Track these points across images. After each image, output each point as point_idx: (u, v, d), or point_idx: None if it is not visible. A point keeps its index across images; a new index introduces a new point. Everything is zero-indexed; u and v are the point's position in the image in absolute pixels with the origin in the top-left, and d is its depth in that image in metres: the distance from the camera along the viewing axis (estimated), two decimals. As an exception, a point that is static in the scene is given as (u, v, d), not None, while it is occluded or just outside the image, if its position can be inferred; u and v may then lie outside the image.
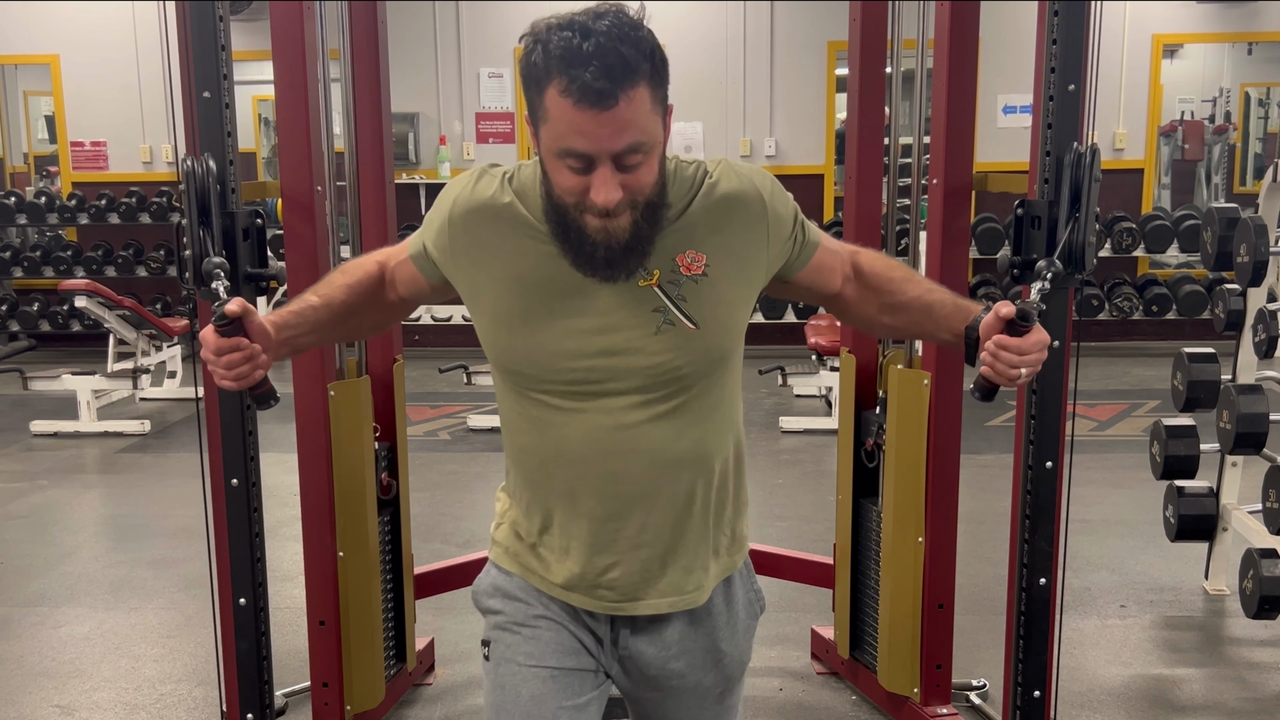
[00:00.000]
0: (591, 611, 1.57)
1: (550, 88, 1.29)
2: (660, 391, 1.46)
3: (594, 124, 1.28)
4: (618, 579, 1.52)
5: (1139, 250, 7.96)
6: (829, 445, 5.63)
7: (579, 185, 1.34)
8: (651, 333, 1.43)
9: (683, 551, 1.53)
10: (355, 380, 2.84)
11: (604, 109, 1.27)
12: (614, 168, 1.32)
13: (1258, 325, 3.61)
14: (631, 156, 1.32)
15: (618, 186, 1.33)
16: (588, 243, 1.37)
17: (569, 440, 1.48)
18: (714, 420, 1.52)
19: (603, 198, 1.32)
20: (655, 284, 1.43)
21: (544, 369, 1.45)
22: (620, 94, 1.27)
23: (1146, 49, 8.26)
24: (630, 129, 1.30)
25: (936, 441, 2.81)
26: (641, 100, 1.29)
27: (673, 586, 1.54)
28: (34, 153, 11.46)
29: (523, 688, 1.55)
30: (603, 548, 1.51)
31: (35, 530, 4.76)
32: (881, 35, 3.04)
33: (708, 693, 1.65)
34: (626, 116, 1.29)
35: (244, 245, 2.37)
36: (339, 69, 2.93)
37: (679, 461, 1.49)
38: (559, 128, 1.31)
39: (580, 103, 1.27)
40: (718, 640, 1.62)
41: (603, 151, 1.31)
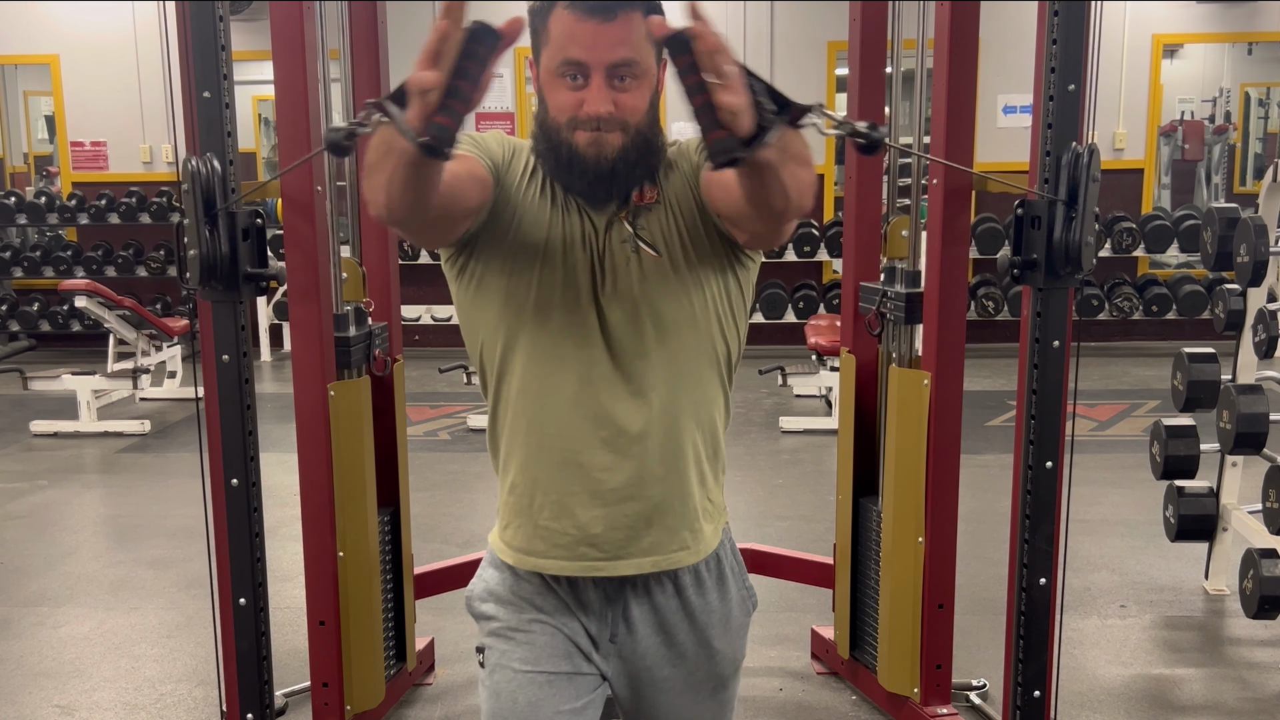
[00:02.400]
0: (582, 603, 1.57)
1: (554, 11, 1.38)
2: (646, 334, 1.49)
3: (592, 34, 1.37)
4: (601, 535, 1.52)
5: (1139, 250, 7.96)
6: (829, 445, 5.64)
7: (574, 100, 1.40)
8: (624, 262, 1.49)
9: (669, 508, 1.54)
10: (355, 380, 2.84)
11: (603, 21, 1.36)
12: (607, 82, 1.39)
13: (1258, 325, 3.61)
14: (625, 70, 1.39)
15: (610, 99, 1.39)
16: (577, 160, 1.43)
17: (561, 393, 1.50)
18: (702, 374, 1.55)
19: (594, 107, 1.39)
20: (624, 217, 1.50)
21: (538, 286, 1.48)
22: (619, 11, 1.37)
23: (1146, 49, 8.26)
24: (627, 43, 1.38)
25: (936, 441, 2.81)
26: (639, 25, 1.37)
27: (656, 545, 1.55)
28: (34, 153, 11.46)
29: (519, 693, 1.55)
30: (590, 500, 1.52)
31: (35, 530, 4.76)
32: (881, 35, 3.04)
33: (700, 688, 1.65)
34: (623, 34, 1.37)
35: (244, 245, 2.37)
36: (339, 69, 2.93)
37: (670, 414, 1.51)
38: (560, 41, 1.39)
39: (581, 16, 1.37)
40: (711, 637, 1.63)
41: (598, 61, 1.38)
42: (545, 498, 1.54)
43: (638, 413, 1.50)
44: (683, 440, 1.53)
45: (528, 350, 1.51)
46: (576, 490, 1.52)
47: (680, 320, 1.50)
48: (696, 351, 1.53)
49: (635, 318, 1.49)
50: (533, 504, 1.55)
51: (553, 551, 1.55)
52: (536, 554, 1.56)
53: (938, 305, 2.75)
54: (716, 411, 1.59)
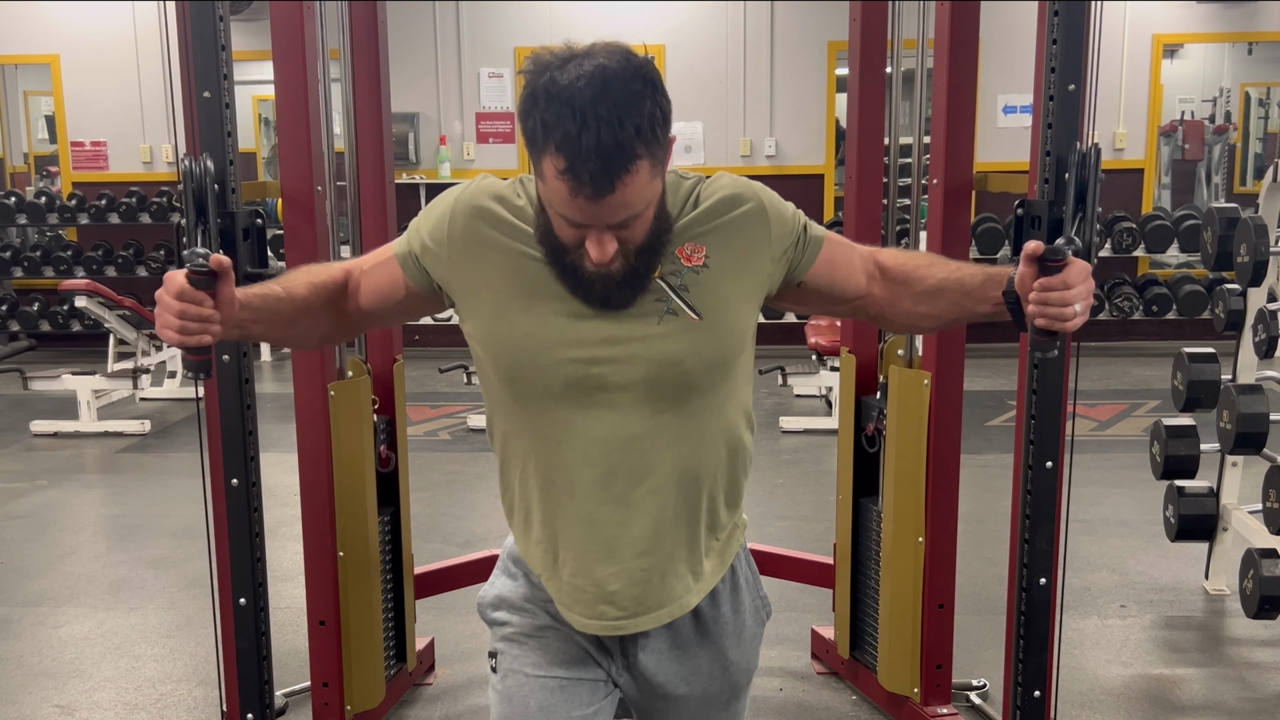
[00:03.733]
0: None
1: (547, 158, 1.29)
2: (666, 394, 1.43)
3: (589, 207, 1.30)
4: (618, 592, 1.49)
5: (1139, 250, 7.96)
6: (829, 445, 5.64)
7: (575, 238, 1.35)
8: (655, 323, 1.42)
9: (679, 557, 1.51)
10: (355, 380, 2.84)
11: (600, 199, 1.28)
12: (612, 232, 1.33)
13: (1258, 325, 3.61)
14: (627, 222, 1.34)
15: (612, 242, 1.34)
16: (584, 280, 1.38)
17: (572, 450, 1.45)
18: (723, 430, 1.51)
19: (596, 256, 1.34)
20: (658, 276, 1.42)
21: (546, 361, 1.42)
22: (617, 182, 1.27)
23: (1146, 49, 8.26)
24: (626, 206, 1.31)
25: (936, 441, 2.81)
26: (639, 177, 1.29)
27: (670, 595, 1.52)
28: (34, 153, 11.46)
29: (531, 698, 1.54)
30: (606, 556, 1.48)
31: (35, 530, 4.76)
32: (881, 35, 3.04)
33: (714, 700, 1.64)
34: (623, 198, 1.29)
35: (244, 245, 2.37)
36: (339, 69, 2.93)
37: (684, 470, 1.48)
38: (554, 197, 1.32)
39: (576, 194, 1.28)
40: (725, 649, 1.61)
41: (598, 223, 1.32)
42: (566, 554, 1.51)
43: (651, 469, 1.46)
44: (698, 494, 1.50)
45: (532, 413, 1.47)
46: (594, 548, 1.49)
47: (707, 380, 1.46)
48: (724, 402, 1.49)
49: (657, 377, 1.43)
50: (556, 560, 1.52)
51: (576, 607, 1.52)
52: (565, 608, 1.54)
53: (938, 305, 2.75)
54: (738, 460, 1.55)
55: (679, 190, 1.46)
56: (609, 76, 1.27)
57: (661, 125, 1.31)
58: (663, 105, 1.31)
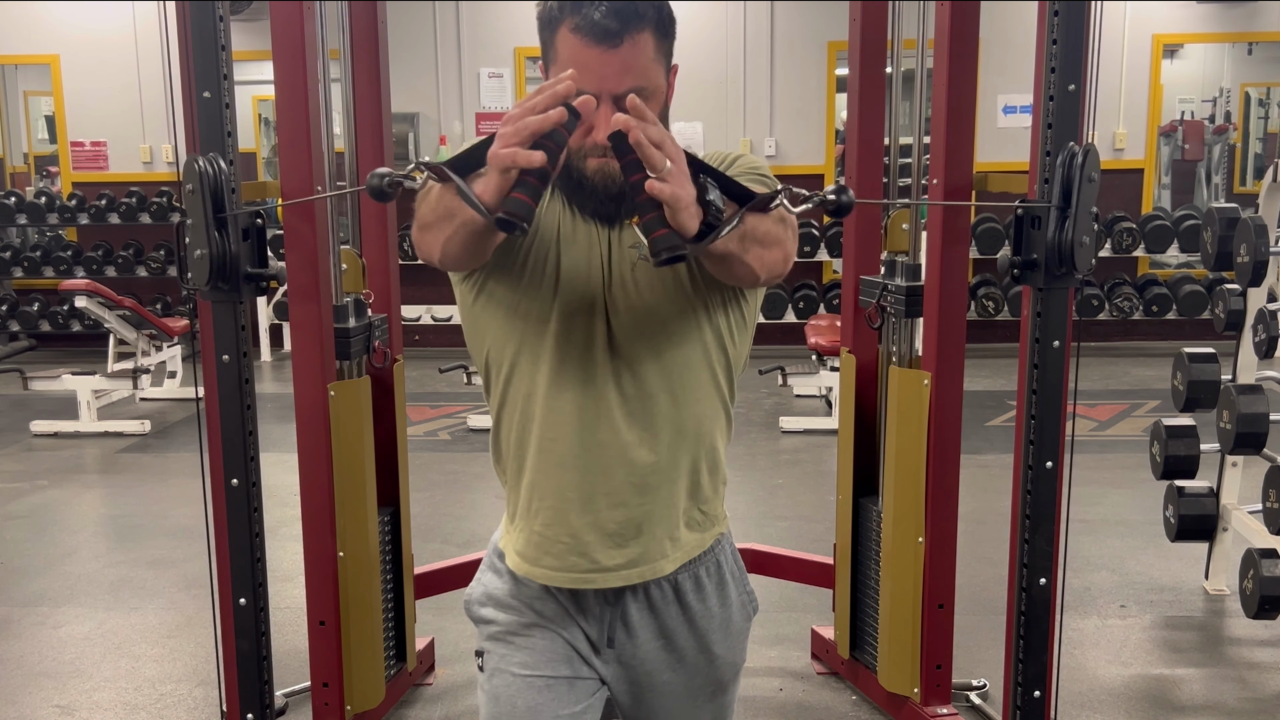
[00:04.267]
0: (582, 607, 1.57)
1: (562, 27, 1.37)
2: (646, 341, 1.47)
3: (599, 62, 1.35)
4: (592, 543, 1.51)
5: (1139, 250, 7.96)
6: (829, 445, 5.64)
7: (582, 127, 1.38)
8: (629, 269, 1.47)
9: (656, 518, 1.53)
10: (355, 380, 2.84)
11: (610, 47, 1.35)
12: (615, 109, 1.36)
13: (1258, 325, 3.61)
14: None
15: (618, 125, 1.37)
16: (586, 185, 1.43)
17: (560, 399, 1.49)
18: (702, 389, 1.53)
19: (602, 134, 1.37)
20: (635, 222, 1.46)
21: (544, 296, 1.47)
22: (626, 35, 1.35)
23: (1146, 49, 8.26)
24: (633, 71, 1.36)
25: (936, 441, 2.81)
26: (646, 45, 1.37)
27: (643, 555, 1.54)
28: (34, 153, 11.46)
29: (518, 698, 1.55)
30: (583, 506, 1.51)
31: (35, 530, 4.76)
32: (881, 35, 3.04)
33: (699, 692, 1.65)
34: (630, 58, 1.36)
35: (244, 245, 2.37)
36: (339, 69, 2.93)
37: (666, 422, 1.50)
38: (566, 64, 1.37)
39: (588, 39, 1.35)
40: (711, 642, 1.62)
41: (605, 90, 1.36)
42: (541, 503, 1.53)
43: (635, 420, 1.49)
44: (679, 451, 1.53)
45: (534, 359, 1.50)
46: (571, 496, 1.51)
47: (682, 332, 1.49)
48: (698, 364, 1.52)
49: (637, 326, 1.47)
50: (530, 508, 1.55)
51: (544, 560, 1.54)
52: (529, 560, 1.56)
53: (938, 305, 2.75)
54: (716, 425, 1.57)
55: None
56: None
57: (669, 16, 1.40)
58: (670, 9, 1.41)
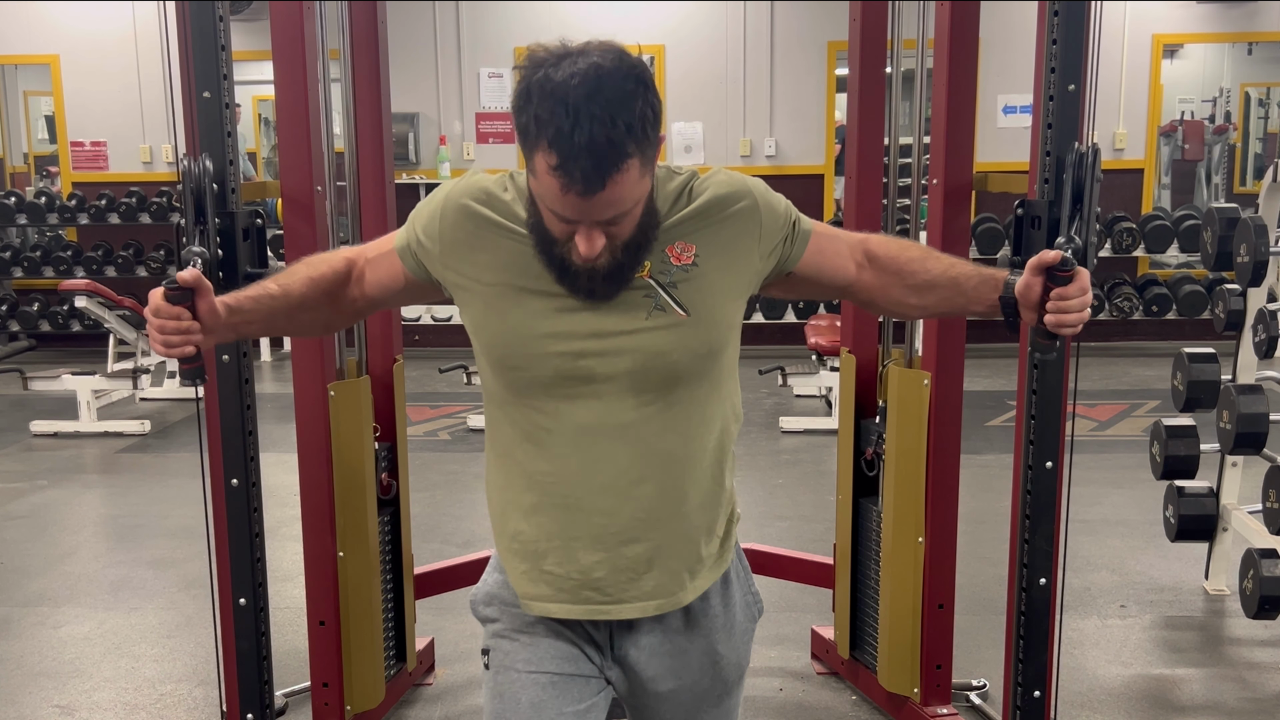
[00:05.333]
0: (581, 620, 1.56)
1: (539, 154, 1.32)
2: (652, 384, 1.46)
3: (579, 204, 1.32)
4: (604, 579, 1.51)
5: (1139, 250, 7.95)
6: (829, 445, 5.63)
7: (564, 233, 1.38)
8: (642, 318, 1.44)
9: (670, 551, 1.52)
10: (355, 380, 2.84)
11: (590, 196, 1.31)
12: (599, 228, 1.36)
13: (1258, 325, 3.61)
14: (616, 220, 1.36)
15: (601, 238, 1.37)
16: (570, 272, 1.41)
17: (561, 439, 1.47)
18: (708, 421, 1.52)
19: (584, 252, 1.37)
20: (646, 274, 1.45)
21: (535, 352, 1.45)
22: (608, 180, 1.30)
23: (1146, 49, 8.26)
24: (615, 204, 1.34)
25: (936, 441, 2.81)
26: (629, 175, 1.32)
27: (659, 588, 1.53)
28: (34, 153, 11.46)
29: (522, 694, 1.55)
30: (591, 544, 1.50)
31: (35, 530, 4.76)
32: (881, 35, 3.04)
33: (705, 695, 1.64)
34: (612, 195, 1.32)
35: (244, 245, 2.37)
36: (339, 69, 2.93)
37: (671, 459, 1.49)
38: (545, 192, 1.34)
39: (567, 191, 1.31)
40: (715, 643, 1.62)
41: (587, 219, 1.35)
42: (549, 544, 1.52)
43: (639, 457, 1.48)
44: (685, 483, 1.51)
45: (523, 402, 1.49)
46: (579, 535, 1.50)
47: (693, 372, 1.48)
48: (708, 395, 1.51)
49: (647, 369, 1.45)
50: (538, 549, 1.53)
51: (558, 596, 1.53)
52: (543, 599, 1.55)
53: (938, 305, 2.75)
54: (724, 447, 1.56)
55: (668, 186, 1.48)
56: (602, 75, 1.29)
57: (653, 124, 1.33)
58: (654, 104, 1.33)
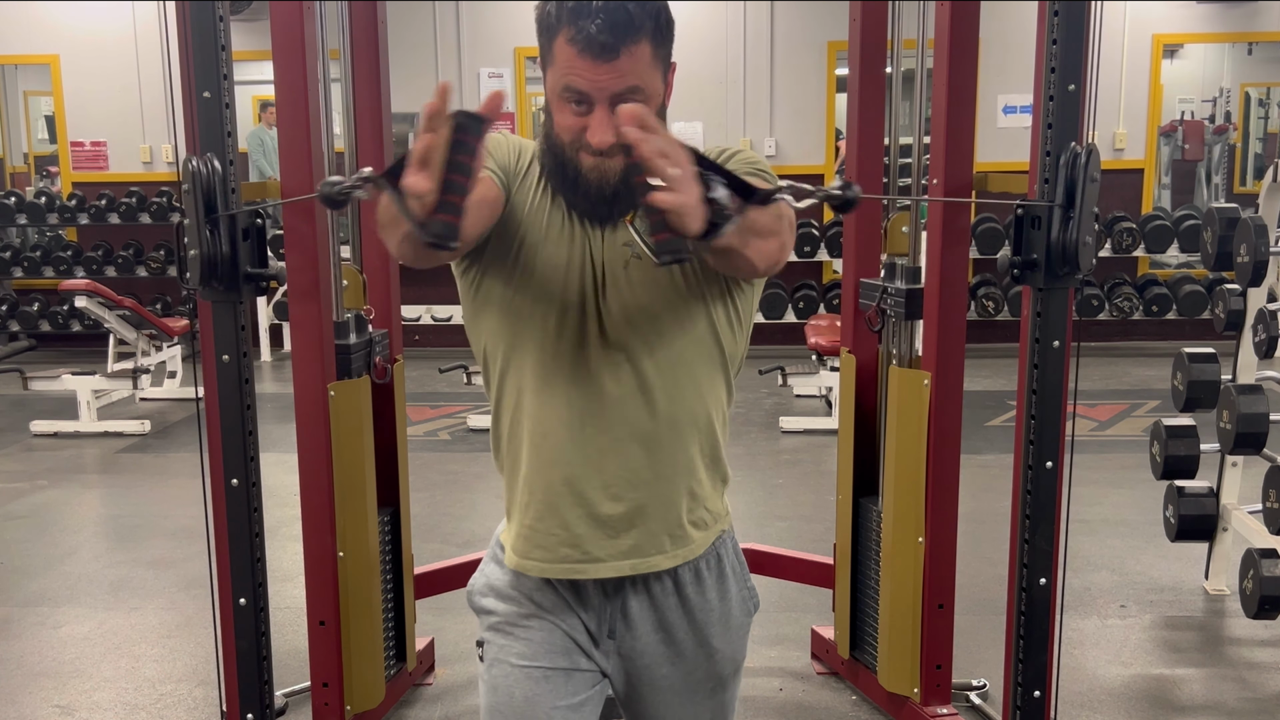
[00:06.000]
0: (581, 599, 1.57)
1: (559, 35, 1.37)
2: (640, 337, 1.48)
3: (595, 71, 1.36)
4: (583, 535, 1.52)
5: (1139, 250, 7.95)
6: (829, 445, 5.63)
7: (578, 124, 1.40)
8: (621, 266, 1.48)
9: (651, 513, 1.53)
10: (355, 380, 2.84)
11: (606, 59, 1.35)
12: (611, 110, 1.37)
13: (1258, 325, 3.61)
14: (628, 98, 1.37)
15: (612, 127, 1.37)
16: (580, 182, 1.43)
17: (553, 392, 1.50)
18: (697, 384, 1.53)
19: (597, 137, 1.38)
20: (629, 221, 1.47)
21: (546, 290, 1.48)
22: (622, 48, 1.35)
23: (1146, 49, 8.26)
24: (629, 76, 1.37)
25: (936, 441, 2.81)
26: (642, 55, 1.37)
27: (635, 548, 1.54)
28: (34, 153, 11.46)
29: (516, 688, 1.56)
30: (574, 500, 1.52)
31: (35, 530, 4.76)
32: (881, 35, 3.04)
33: (699, 688, 1.65)
34: (626, 68, 1.36)
35: (244, 245, 2.37)
36: (339, 69, 2.93)
37: (658, 418, 1.51)
38: (563, 69, 1.38)
39: (584, 52, 1.35)
40: (710, 636, 1.62)
41: (601, 93, 1.37)
42: (532, 497, 1.54)
43: (630, 416, 1.50)
44: (674, 447, 1.53)
45: (527, 355, 1.51)
46: (562, 490, 1.52)
47: (677, 328, 1.50)
48: (693, 359, 1.53)
49: (631, 322, 1.48)
50: (522, 502, 1.56)
51: (535, 552, 1.55)
52: (520, 553, 1.57)
53: (938, 305, 2.75)
54: (714, 421, 1.57)
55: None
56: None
57: (667, 23, 1.40)
58: (669, 12, 1.41)
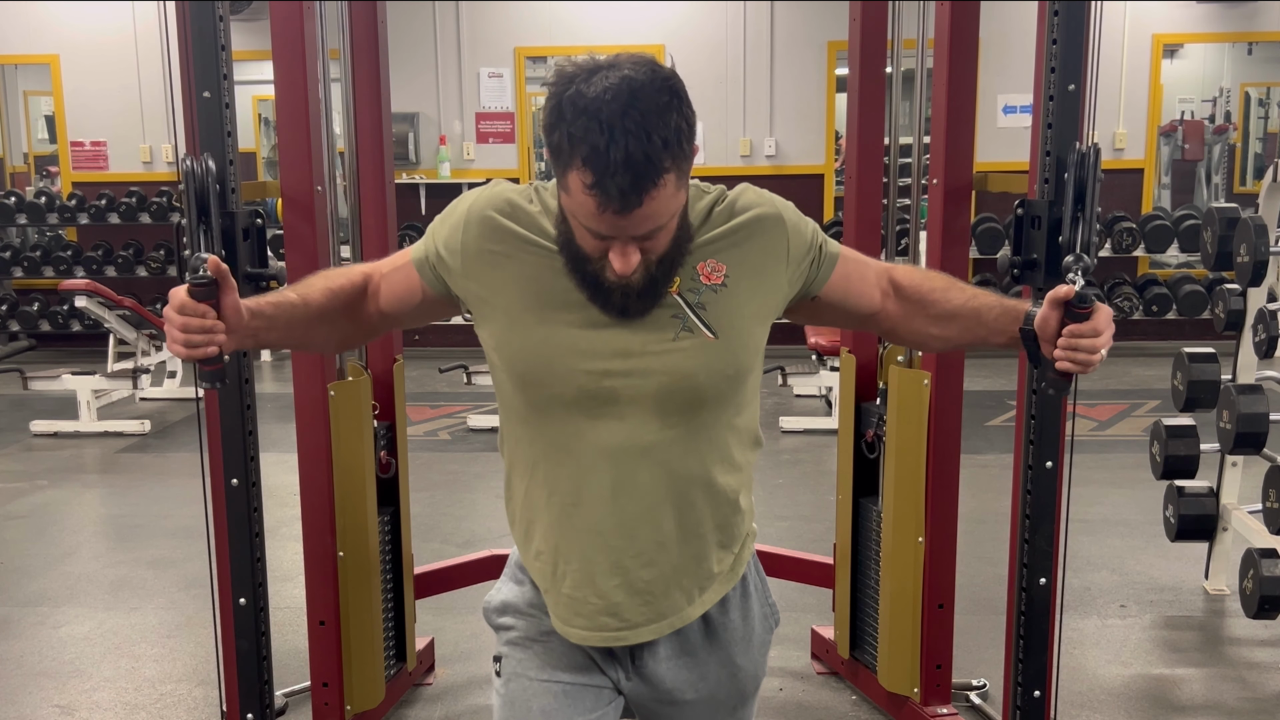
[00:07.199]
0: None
1: (573, 173, 1.28)
2: (676, 406, 1.43)
3: (617, 221, 1.29)
4: (622, 603, 1.49)
5: (1139, 250, 7.96)
6: (829, 445, 5.63)
7: (598, 249, 1.35)
8: (670, 339, 1.41)
9: (684, 571, 1.51)
10: (355, 380, 2.84)
11: (627, 213, 1.28)
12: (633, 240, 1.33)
13: (1258, 325, 3.61)
14: (652, 234, 1.34)
15: (636, 254, 1.34)
16: (603, 289, 1.38)
17: (581, 459, 1.45)
18: (729, 445, 1.51)
19: (620, 268, 1.34)
20: (675, 291, 1.42)
21: (560, 370, 1.41)
22: (645, 196, 1.27)
23: (1146, 49, 8.26)
24: (652, 219, 1.31)
25: (936, 441, 2.81)
26: (666, 190, 1.29)
27: (671, 607, 1.51)
28: (34, 153, 11.46)
29: (533, 702, 1.54)
30: (610, 568, 1.48)
31: (35, 530, 4.76)
32: (881, 35, 3.04)
33: (721, 705, 1.64)
34: (649, 211, 1.29)
35: (244, 245, 2.37)
36: (339, 69, 2.93)
37: (691, 483, 1.47)
38: (580, 211, 1.31)
39: (604, 210, 1.28)
40: (734, 655, 1.61)
41: (622, 235, 1.32)
42: (567, 566, 1.50)
43: (663, 482, 1.46)
44: (703, 507, 1.50)
45: (544, 420, 1.46)
46: (599, 559, 1.48)
47: (718, 394, 1.46)
48: (729, 420, 1.50)
49: (669, 390, 1.42)
50: (555, 572, 1.51)
51: (576, 620, 1.52)
52: (563, 620, 1.53)
53: (938, 305, 2.75)
54: (746, 473, 1.56)
55: (699, 204, 1.46)
56: (635, 89, 1.26)
57: (688, 137, 1.30)
58: (688, 117, 1.31)
